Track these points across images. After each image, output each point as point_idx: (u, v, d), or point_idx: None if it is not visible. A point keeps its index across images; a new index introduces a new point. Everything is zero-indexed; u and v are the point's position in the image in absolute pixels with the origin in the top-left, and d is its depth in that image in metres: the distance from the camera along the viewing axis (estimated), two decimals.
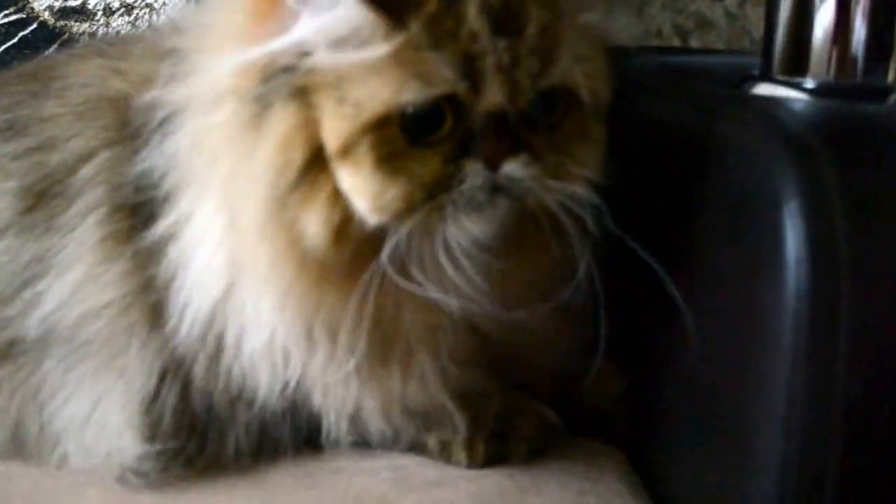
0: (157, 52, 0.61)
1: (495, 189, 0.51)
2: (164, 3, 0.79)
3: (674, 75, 0.66)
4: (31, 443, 0.61)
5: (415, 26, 0.49)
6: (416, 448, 0.61)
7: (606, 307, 0.53)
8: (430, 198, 0.51)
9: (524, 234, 0.55)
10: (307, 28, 0.50)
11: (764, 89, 0.60)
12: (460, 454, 0.60)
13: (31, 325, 0.60)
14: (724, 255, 0.51)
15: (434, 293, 0.53)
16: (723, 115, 0.53)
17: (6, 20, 0.81)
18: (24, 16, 0.81)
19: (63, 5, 0.81)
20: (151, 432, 0.59)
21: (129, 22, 0.80)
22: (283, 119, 0.51)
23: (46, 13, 0.81)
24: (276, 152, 0.51)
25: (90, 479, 0.60)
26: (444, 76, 0.49)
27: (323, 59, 0.50)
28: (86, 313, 0.59)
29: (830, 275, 0.44)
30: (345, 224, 0.51)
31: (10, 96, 0.64)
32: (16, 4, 0.81)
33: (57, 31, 0.81)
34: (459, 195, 0.51)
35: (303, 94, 0.51)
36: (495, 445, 0.60)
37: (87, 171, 0.60)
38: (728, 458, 0.52)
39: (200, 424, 0.60)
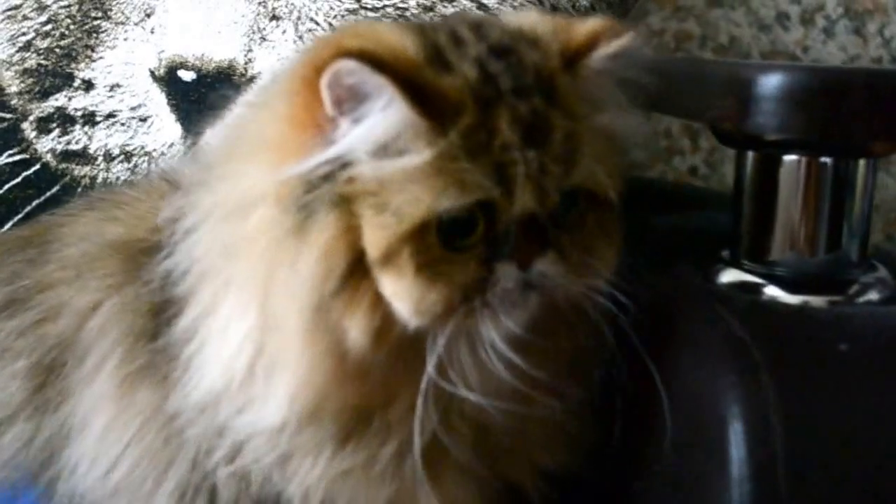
0: (150, 193, 0.67)
1: (526, 286, 0.55)
2: (162, 153, 0.87)
3: (653, 249, 0.72)
4: None
5: (453, 136, 0.52)
6: None
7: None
8: (466, 299, 0.54)
9: (552, 323, 0.58)
10: (350, 138, 0.53)
11: (730, 276, 0.66)
12: None
13: (60, 500, 0.63)
14: (681, 458, 0.57)
15: (471, 395, 0.56)
16: (684, 316, 0.60)
17: (10, 160, 0.88)
18: (28, 156, 0.89)
19: (65, 149, 0.88)
20: None
21: (128, 168, 0.87)
22: (325, 227, 0.54)
23: (48, 155, 0.88)
24: (320, 260, 0.54)
25: None
26: (480, 184, 0.52)
27: (364, 167, 0.53)
28: (112, 462, 0.62)
29: (770, 495, 0.51)
30: (385, 327, 0.54)
31: (8, 267, 0.69)
32: (20, 145, 0.89)
33: (59, 173, 0.88)
34: (493, 295, 0.54)
35: (344, 203, 0.54)
36: None
37: (94, 322, 0.63)
38: None
39: None
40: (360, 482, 0.59)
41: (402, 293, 0.54)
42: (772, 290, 0.64)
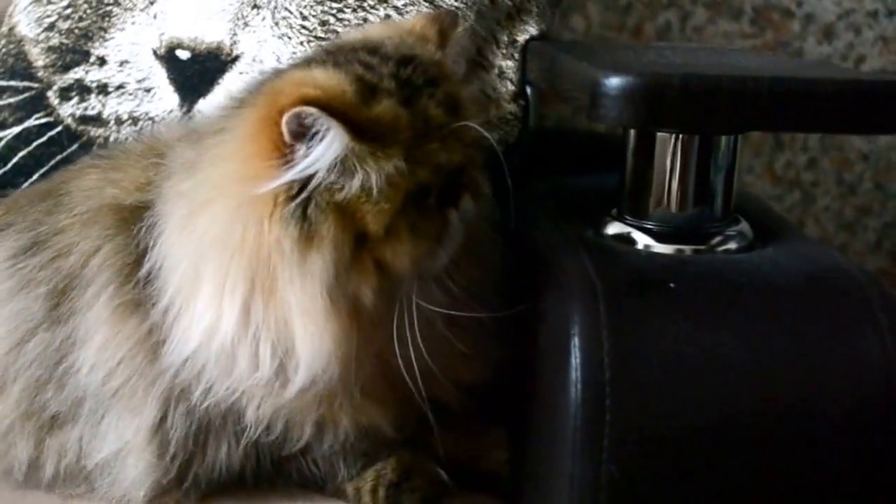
0: (140, 160, 0.90)
1: (461, 221, 0.80)
2: (163, 118, 1.08)
3: (555, 204, 0.95)
4: (70, 480, 0.88)
5: (403, 138, 0.76)
6: (338, 494, 0.90)
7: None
8: (439, 243, 0.80)
9: (462, 251, 0.83)
10: (308, 160, 0.74)
11: (614, 228, 0.88)
12: (366, 498, 0.88)
13: (67, 396, 0.86)
14: (547, 366, 0.80)
15: (442, 310, 0.81)
16: (560, 259, 0.82)
17: (37, 122, 1.11)
18: (52, 119, 1.11)
19: (83, 114, 1.10)
20: (161, 451, 0.85)
21: (135, 131, 1.08)
22: (330, 227, 0.75)
23: (69, 119, 1.11)
24: (331, 251, 0.75)
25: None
26: (435, 155, 0.78)
27: (343, 182, 0.75)
28: (109, 371, 0.85)
29: (598, 392, 0.72)
30: (383, 283, 0.77)
31: (31, 216, 0.91)
32: (45, 110, 1.11)
33: (78, 134, 1.10)
34: (450, 236, 0.80)
35: (339, 206, 0.75)
36: (393, 494, 0.88)
37: (95, 262, 0.86)
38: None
39: (203, 435, 0.86)
40: (302, 406, 0.84)
41: (401, 254, 0.77)
42: (646, 241, 0.87)
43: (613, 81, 0.75)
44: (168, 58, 1.10)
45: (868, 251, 1.64)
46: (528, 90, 1.12)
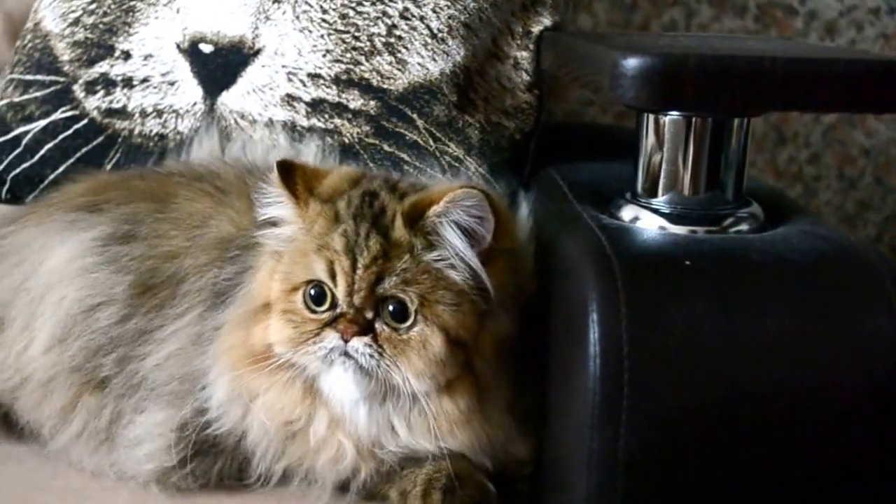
0: (243, 197, 0.96)
1: (347, 355, 0.83)
2: (186, 111, 1.09)
3: (570, 188, 0.95)
4: (93, 444, 0.93)
5: (311, 235, 0.85)
6: (378, 497, 0.88)
7: None
8: (304, 344, 0.84)
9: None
10: (265, 209, 0.87)
11: (628, 211, 0.88)
12: (416, 502, 0.86)
13: (125, 376, 0.92)
14: (565, 345, 0.80)
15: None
16: (576, 239, 0.82)
17: (64, 115, 1.12)
18: (78, 113, 1.12)
19: (108, 106, 1.11)
20: (181, 444, 0.88)
21: (159, 123, 1.09)
22: (264, 269, 0.88)
23: (95, 112, 1.11)
24: (256, 287, 0.88)
25: (121, 483, 0.90)
26: (318, 271, 0.84)
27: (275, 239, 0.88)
28: (171, 376, 0.91)
29: (616, 366, 0.72)
30: (270, 343, 0.86)
31: (133, 209, 0.98)
32: (71, 103, 1.13)
33: (103, 126, 1.11)
34: (318, 349, 0.84)
35: (275, 258, 0.87)
36: (448, 499, 0.85)
37: (197, 282, 0.93)
38: (563, 489, 0.81)
39: (221, 443, 0.90)
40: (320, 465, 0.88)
41: (272, 326, 0.86)
42: (660, 222, 0.86)
43: (631, 62, 0.75)
44: (191, 51, 1.10)
45: None
46: None
